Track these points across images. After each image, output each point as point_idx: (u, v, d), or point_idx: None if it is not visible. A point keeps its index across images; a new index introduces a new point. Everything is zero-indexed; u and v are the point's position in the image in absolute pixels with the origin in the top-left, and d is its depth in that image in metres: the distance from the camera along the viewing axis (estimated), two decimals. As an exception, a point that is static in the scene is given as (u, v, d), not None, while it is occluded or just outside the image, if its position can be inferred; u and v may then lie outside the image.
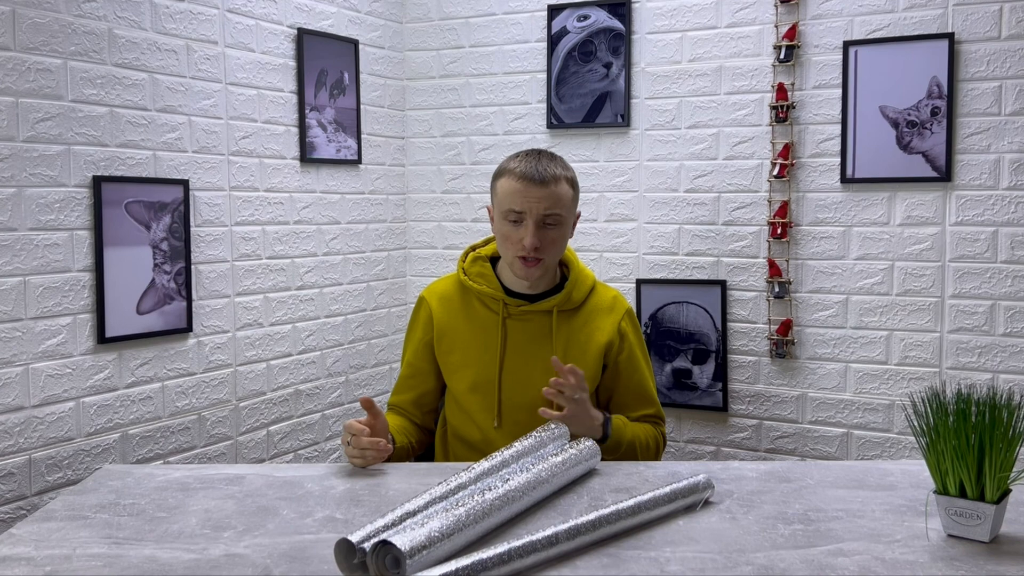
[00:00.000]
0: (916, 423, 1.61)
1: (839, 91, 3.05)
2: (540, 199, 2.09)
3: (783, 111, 3.11)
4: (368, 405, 1.99)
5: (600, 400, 2.30)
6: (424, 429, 2.35)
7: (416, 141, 3.75)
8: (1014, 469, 1.56)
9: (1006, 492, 1.58)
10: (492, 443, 2.15)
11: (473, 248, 2.35)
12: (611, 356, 2.26)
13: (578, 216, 2.25)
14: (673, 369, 3.29)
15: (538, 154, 2.17)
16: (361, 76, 3.48)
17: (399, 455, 2.18)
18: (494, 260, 2.30)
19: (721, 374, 3.25)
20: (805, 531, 1.62)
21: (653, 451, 2.26)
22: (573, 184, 2.18)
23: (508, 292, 2.24)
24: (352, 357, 3.49)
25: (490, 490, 1.61)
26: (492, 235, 2.28)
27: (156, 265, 2.69)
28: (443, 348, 2.27)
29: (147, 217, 2.66)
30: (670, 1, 3.28)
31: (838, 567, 1.46)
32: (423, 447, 2.35)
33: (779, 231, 3.13)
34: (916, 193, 2.98)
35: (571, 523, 1.52)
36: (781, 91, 3.11)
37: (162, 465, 2.70)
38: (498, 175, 2.18)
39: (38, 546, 1.56)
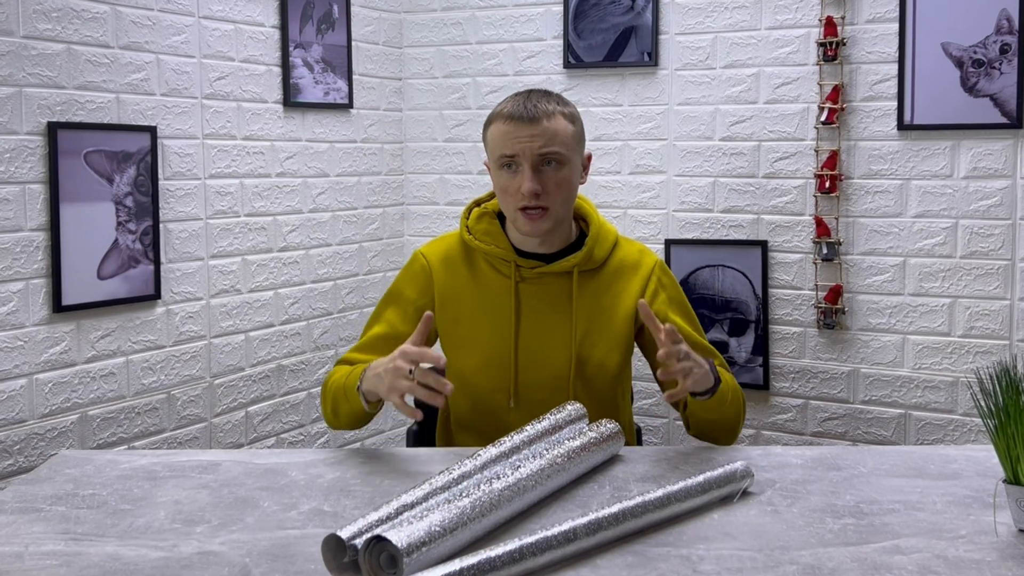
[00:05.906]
0: (983, 403, 1.60)
1: (896, 26, 3.02)
2: (533, 137, 2.09)
3: (832, 48, 3.08)
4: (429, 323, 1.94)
5: (653, 366, 2.24)
6: None
7: (415, 83, 3.73)
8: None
9: (1086, 482, 1.57)
10: (507, 428, 2.09)
11: (477, 203, 2.32)
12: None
13: (588, 158, 2.24)
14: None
15: (528, 92, 2.19)
16: (352, 8, 3.45)
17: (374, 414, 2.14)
18: (503, 217, 2.27)
19: (762, 347, 3.24)
20: (857, 526, 1.61)
21: (742, 403, 2.18)
22: (573, 119, 2.17)
23: (519, 253, 2.22)
24: (342, 328, 3.48)
25: (498, 479, 1.60)
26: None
27: (119, 224, 2.68)
28: (446, 318, 2.24)
29: (109, 169, 2.65)
30: (704, -79, 3.25)
31: (894, 566, 1.46)
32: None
33: (827, 185, 3.11)
34: (983, 142, 2.96)
35: (591, 517, 1.51)
36: (830, 25, 3.08)
37: (126, 451, 2.70)
38: (488, 123, 2.19)
39: (-14, 541, 1.56)
